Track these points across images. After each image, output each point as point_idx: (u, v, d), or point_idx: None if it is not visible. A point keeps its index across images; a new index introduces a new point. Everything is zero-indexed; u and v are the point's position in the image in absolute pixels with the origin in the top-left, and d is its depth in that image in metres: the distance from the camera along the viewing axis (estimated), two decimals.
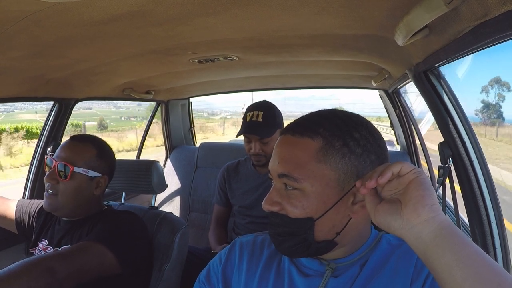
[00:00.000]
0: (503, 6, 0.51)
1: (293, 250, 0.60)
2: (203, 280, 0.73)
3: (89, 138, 1.14)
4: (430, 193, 0.48)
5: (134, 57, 1.24)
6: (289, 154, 0.58)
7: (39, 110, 21.38)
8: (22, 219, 1.20)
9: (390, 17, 0.81)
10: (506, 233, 0.96)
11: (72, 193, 1.06)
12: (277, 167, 0.59)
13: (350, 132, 0.57)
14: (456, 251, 0.44)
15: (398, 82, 1.60)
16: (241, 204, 1.64)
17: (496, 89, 14.51)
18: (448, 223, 0.47)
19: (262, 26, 0.95)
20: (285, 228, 0.59)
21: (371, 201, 0.52)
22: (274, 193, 0.60)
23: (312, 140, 0.57)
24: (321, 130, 0.57)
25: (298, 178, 0.56)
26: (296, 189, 0.57)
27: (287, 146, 0.59)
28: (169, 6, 0.75)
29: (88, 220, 1.10)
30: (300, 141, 0.58)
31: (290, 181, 0.57)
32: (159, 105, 2.54)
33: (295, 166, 0.57)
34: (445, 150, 1.04)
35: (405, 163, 0.49)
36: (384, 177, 0.48)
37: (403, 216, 0.47)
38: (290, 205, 0.58)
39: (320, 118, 0.60)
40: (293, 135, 0.59)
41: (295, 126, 0.60)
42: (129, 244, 1.03)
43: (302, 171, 0.56)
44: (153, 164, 1.43)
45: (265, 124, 1.50)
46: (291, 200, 0.58)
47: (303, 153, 0.57)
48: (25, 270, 0.79)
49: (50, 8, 0.69)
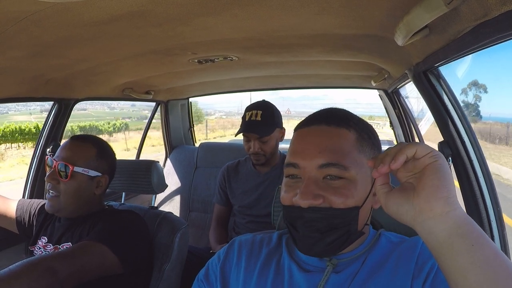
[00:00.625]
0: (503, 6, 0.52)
1: (331, 247, 0.57)
2: (201, 279, 0.73)
3: (89, 138, 1.15)
4: (447, 183, 0.43)
5: (134, 57, 1.24)
6: (333, 143, 0.57)
7: (34, 111, 21.25)
8: (23, 218, 1.20)
9: (390, 17, 0.81)
10: (506, 233, 0.96)
11: (73, 193, 1.06)
12: (318, 157, 0.56)
13: (368, 127, 0.62)
14: (473, 253, 0.40)
15: (397, 82, 1.60)
16: (241, 204, 1.65)
17: (474, 91, 15.42)
18: (465, 220, 0.42)
19: (262, 26, 0.95)
20: (329, 221, 0.56)
21: (382, 187, 0.49)
22: (312, 186, 0.56)
23: (348, 131, 0.59)
24: (351, 122, 0.60)
25: (347, 166, 0.56)
26: (342, 179, 0.56)
27: (325, 135, 0.58)
28: (169, 6, 0.75)
29: (89, 219, 1.10)
30: (339, 131, 0.58)
31: (339, 170, 0.56)
32: (158, 105, 2.54)
33: (343, 154, 0.56)
34: (444, 149, 1.04)
35: (421, 145, 0.45)
36: (397, 162, 0.44)
37: (415, 206, 0.44)
38: (336, 196, 0.56)
39: (345, 112, 0.63)
40: (328, 125, 0.59)
41: (327, 117, 0.60)
42: (130, 243, 1.03)
43: (349, 159, 0.56)
44: (153, 164, 1.42)
45: (264, 123, 1.50)
46: (337, 190, 0.56)
47: (346, 142, 0.58)
48: (26, 270, 0.79)
49: (50, 8, 0.69)
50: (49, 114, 1.63)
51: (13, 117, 20.51)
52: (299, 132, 0.62)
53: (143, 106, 29.93)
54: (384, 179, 0.49)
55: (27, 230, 1.20)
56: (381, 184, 0.49)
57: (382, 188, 0.49)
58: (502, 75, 20.85)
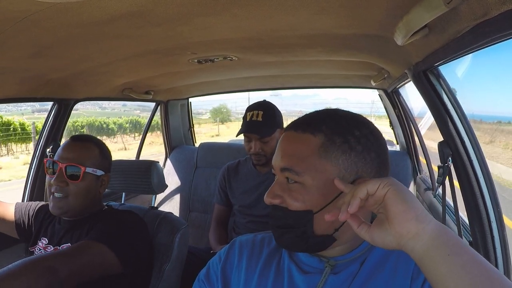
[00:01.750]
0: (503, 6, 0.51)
1: (292, 243, 0.61)
2: (202, 279, 0.73)
3: (89, 137, 1.15)
4: (410, 203, 0.46)
5: (134, 57, 1.24)
6: (292, 149, 0.60)
7: (25, 111, 21.09)
8: (22, 220, 1.20)
9: (389, 17, 0.81)
10: (506, 233, 0.96)
11: (83, 194, 1.07)
12: (280, 161, 0.61)
13: (351, 129, 0.59)
14: (449, 262, 0.43)
15: (397, 81, 1.60)
16: (241, 204, 1.65)
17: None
18: (439, 232, 0.45)
19: (262, 26, 0.95)
20: (285, 221, 0.60)
21: (361, 228, 0.51)
22: (276, 186, 0.61)
23: (314, 136, 0.59)
24: (323, 127, 0.60)
25: (299, 171, 0.58)
26: (297, 183, 0.59)
27: (289, 141, 0.62)
28: (168, 6, 0.75)
29: (88, 219, 1.10)
30: (302, 137, 0.60)
31: (292, 175, 0.59)
32: (158, 105, 2.54)
33: (297, 160, 0.59)
34: (444, 149, 1.04)
35: (369, 182, 0.48)
36: (353, 207, 0.48)
37: (395, 234, 0.47)
38: (290, 198, 0.59)
39: (323, 116, 0.63)
40: (295, 131, 0.62)
41: (299, 123, 0.63)
42: (130, 243, 1.03)
43: (303, 165, 0.58)
44: (153, 164, 1.43)
45: (265, 123, 1.50)
46: (292, 193, 0.59)
47: (305, 148, 0.59)
48: (26, 269, 0.79)
49: (50, 8, 0.69)
50: (49, 114, 1.63)
51: (4, 117, 20.33)
52: (281, 136, 0.66)
53: (134, 106, 29.90)
54: (357, 221, 0.51)
55: (27, 232, 1.19)
56: (358, 226, 0.51)
57: (362, 229, 0.51)
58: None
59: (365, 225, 0.50)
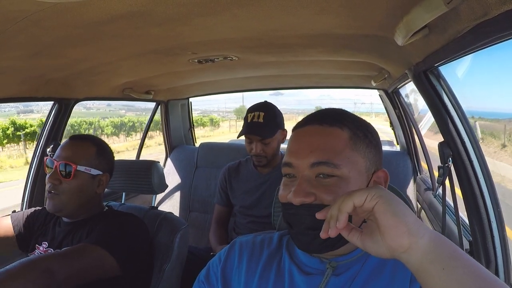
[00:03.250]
0: (503, 6, 0.51)
1: (326, 244, 0.57)
2: (202, 280, 0.72)
3: (88, 136, 1.15)
4: (401, 217, 0.44)
5: (134, 57, 1.24)
6: (323, 142, 0.59)
7: (9, 113, 20.69)
8: (19, 231, 1.17)
9: (390, 17, 0.81)
10: (506, 233, 0.96)
11: (76, 192, 1.06)
12: (310, 156, 0.58)
13: (364, 125, 0.63)
14: (445, 276, 0.42)
15: (397, 82, 1.60)
16: (242, 204, 1.65)
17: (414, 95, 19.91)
18: (433, 245, 0.44)
19: (262, 26, 0.95)
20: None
21: (352, 235, 0.49)
22: (304, 184, 0.57)
23: (341, 129, 0.60)
24: (346, 122, 0.61)
25: (338, 164, 0.57)
26: (334, 177, 0.57)
27: (318, 135, 0.60)
28: (168, 6, 0.75)
29: (88, 221, 1.09)
30: (331, 130, 0.60)
31: (330, 168, 0.57)
32: (158, 105, 2.54)
33: (334, 153, 0.58)
34: (444, 150, 1.03)
35: (356, 194, 0.46)
36: (341, 223, 0.46)
37: (387, 247, 0.45)
38: (327, 194, 0.56)
39: (339, 112, 0.64)
40: (321, 125, 0.60)
41: (321, 117, 0.62)
42: (130, 247, 1.02)
43: (340, 157, 0.58)
44: (153, 164, 1.43)
45: (266, 124, 1.51)
46: (328, 188, 0.57)
47: (337, 141, 0.59)
48: (23, 271, 0.78)
49: (50, 8, 0.69)
50: (49, 114, 1.63)
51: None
52: (295, 132, 0.64)
53: (119, 106, 30.01)
54: (347, 229, 0.49)
55: (26, 241, 1.17)
56: (349, 233, 0.49)
57: (353, 236, 0.49)
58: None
59: (356, 231, 0.49)
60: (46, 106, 1.73)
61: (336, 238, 0.55)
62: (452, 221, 1.34)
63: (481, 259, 0.96)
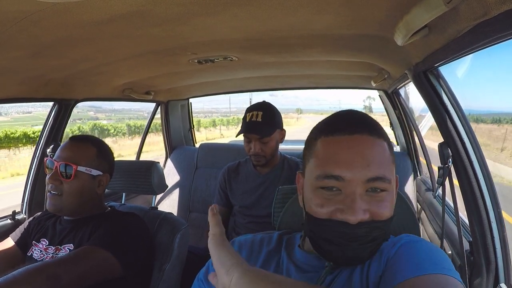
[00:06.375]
0: (503, 6, 0.51)
1: (371, 252, 0.58)
2: (201, 278, 0.73)
3: (88, 137, 1.16)
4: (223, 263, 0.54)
5: (134, 57, 1.24)
6: (379, 155, 0.56)
7: None
8: (23, 245, 1.15)
9: (389, 17, 0.81)
10: (506, 233, 0.96)
11: (76, 193, 1.07)
12: (367, 170, 0.54)
13: (387, 134, 0.61)
14: None
15: (397, 82, 1.60)
16: (241, 204, 1.65)
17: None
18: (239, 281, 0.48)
19: (262, 26, 0.95)
20: (381, 232, 0.56)
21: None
22: (360, 201, 0.54)
23: (385, 141, 0.59)
24: (383, 131, 0.59)
25: (390, 179, 0.56)
26: (384, 191, 0.56)
27: (371, 147, 0.56)
28: (168, 6, 0.75)
29: (90, 221, 1.10)
30: (379, 142, 0.57)
31: (384, 184, 0.55)
32: (159, 105, 2.54)
33: (386, 167, 0.56)
34: (444, 150, 1.03)
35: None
36: None
37: (221, 285, 0.52)
38: (381, 208, 0.55)
39: (374, 121, 0.61)
40: (371, 135, 0.57)
41: (369, 127, 0.58)
42: (132, 247, 1.03)
43: (390, 171, 0.57)
44: (153, 164, 1.43)
45: (264, 124, 1.51)
46: (381, 203, 0.56)
47: (386, 154, 0.58)
48: (29, 277, 0.79)
49: (50, 8, 0.69)
50: (49, 115, 1.63)
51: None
52: (336, 139, 0.57)
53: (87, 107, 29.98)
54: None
55: (28, 244, 1.16)
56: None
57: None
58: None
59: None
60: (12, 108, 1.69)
61: (375, 249, 0.58)
62: (452, 222, 1.34)
63: (481, 259, 0.96)
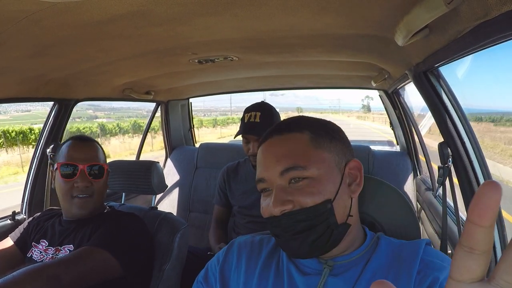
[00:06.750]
0: (503, 6, 0.51)
1: (316, 245, 0.59)
2: (201, 280, 0.72)
3: (90, 137, 1.18)
4: None
5: (134, 57, 1.24)
6: (285, 149, 0.60)
7: None
8: (23, 245, 1.15)
9: (390, 17, 0.81)
10: (506, 233, 0.96)
11: (103, 191, 1.13)
12: (277, 165, 0.59)
13: (324, 124, 0.65)
14: None
15: (398, 82, 1.60)
16: (241, 205, 1.65)
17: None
18: None
19: (262, 26, 0.95)
20: (305, 222, 0.58)
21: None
22: (280, 193, 0.59)
23: (301, 133, 0.61)
24: (303, 125, 0.63)
25: (305, 165, 0.58)
26: (305, 179, 0.59)
27: (279, 145, 0.62)
28: (169, 6, 0.75)
29: (90, 221, 1.09)
30: (290, 136, 0.62)
31: (299, 171, 0.58)
32: (159, 105, 2.54)
33: (297, 156, 0.59)
34: (444, 150, 1.04)
35: None
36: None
37: None
38: (303, 196, 0.58)
39: (297, 119, 0.66)
40: (280, 134, 0.62)
41: (279, 129, 0.64)
42: (132, 248, 1.03)
43: (305, 158, 0.59)
44: (153, 164, 1.43)
45: (262, 124, 1.51)
46: (303, 190, 0.58)
47: (299, 144, 0.61)
48: (29, 278, 0.79)
49: (50, 8, 0.69)
50: (49, 114, 1.63)
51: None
52: (259, 149, 0.65)
53: (86, 106, 29.93)
54: None
55: (28, 245, 1.15)
56: None
57: None
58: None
59: None
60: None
61: (324, 239, 0.58)
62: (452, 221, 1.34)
63: None
